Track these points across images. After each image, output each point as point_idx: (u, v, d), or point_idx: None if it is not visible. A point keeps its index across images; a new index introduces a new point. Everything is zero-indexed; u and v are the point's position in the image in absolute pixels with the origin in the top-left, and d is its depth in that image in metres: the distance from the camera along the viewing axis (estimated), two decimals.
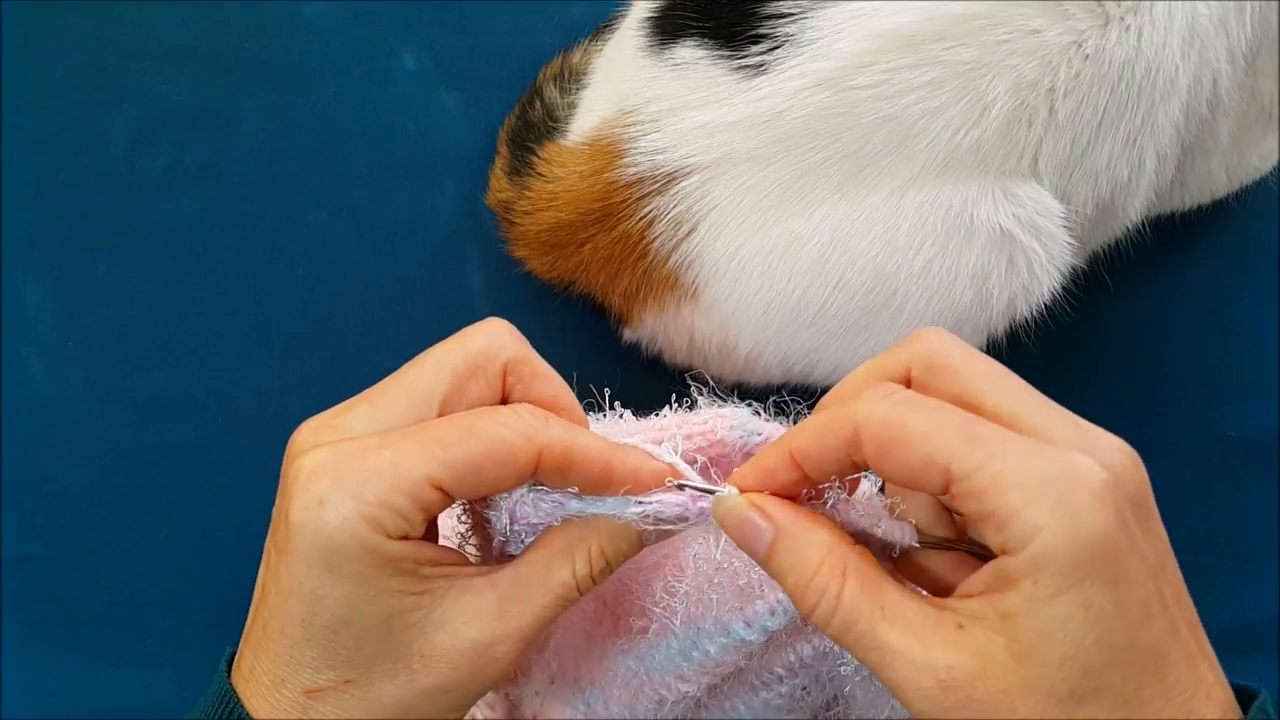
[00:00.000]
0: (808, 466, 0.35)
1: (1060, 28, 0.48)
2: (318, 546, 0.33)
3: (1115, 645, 0.30)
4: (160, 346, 0.66)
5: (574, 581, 0.36)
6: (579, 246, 0.55)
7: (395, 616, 0.34)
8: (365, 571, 0.33)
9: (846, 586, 0.33)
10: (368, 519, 0.33)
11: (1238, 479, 0.66)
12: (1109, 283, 0.61)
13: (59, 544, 0.64)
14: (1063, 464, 0.30)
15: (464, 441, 0.34)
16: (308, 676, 0.35)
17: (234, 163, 0.67)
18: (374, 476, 0.33)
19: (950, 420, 0.32)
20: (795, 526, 0.34)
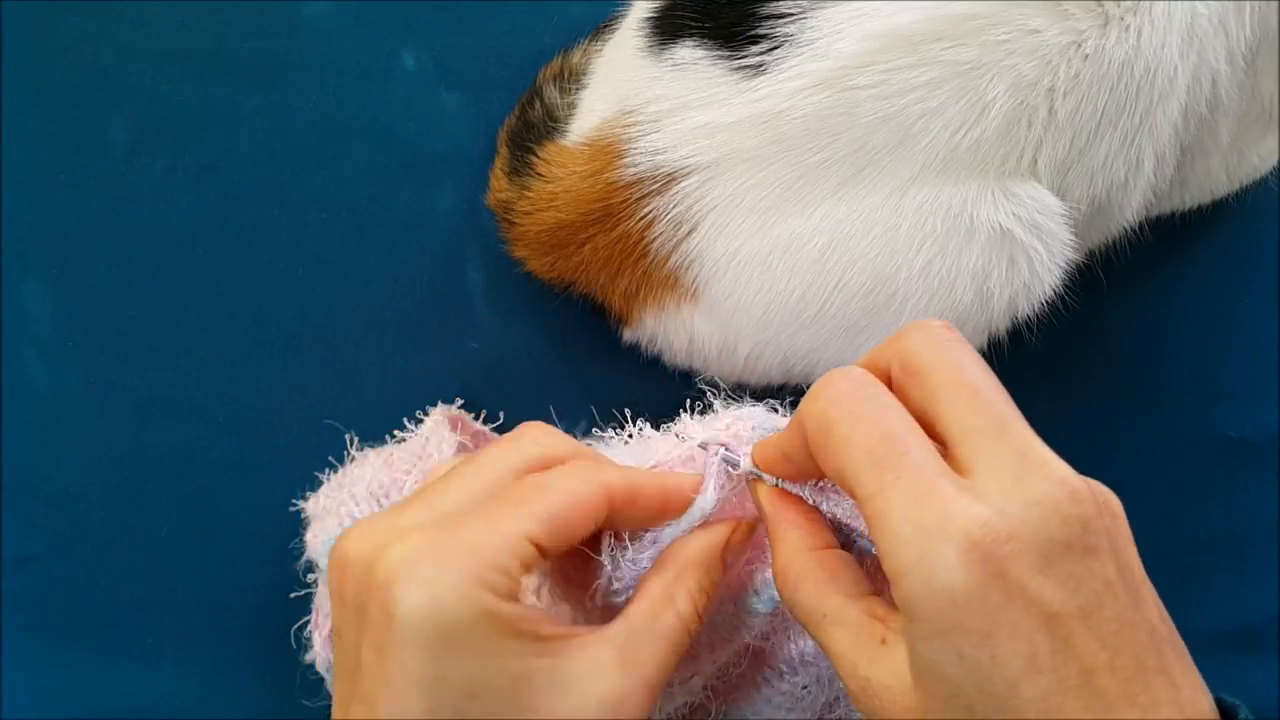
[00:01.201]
0: (794, 464, 0.36)
1: (1060, 28, 0.48)
2: (436, 626, 0.32)
3: (995, 696, 0.30)
4: (160, 346, 0.65)
5: (681, 623, 0.36)
6: (579, 247, 0.55)
7: (522, 682, 0.33)
8: (489, 639, 0.33)
9: (798, 593, 0.35)
10: (483, 583, 0.33)
11: (1238, 479, 0.66)
12: (1108, 282, 0.61)
13: (59, 544, 0.64)
14: (940, 514, 0.30)
15: (545, 498, 0.35)
16: None
17: (234, 163, 0.67)
18: (476, 545, 0.33)
19: (865, 435, 0.32)
20: (772, 522, 0.37)
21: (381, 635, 0.33)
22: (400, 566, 0.33)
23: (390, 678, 0.33)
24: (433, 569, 0.33)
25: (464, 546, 0.33)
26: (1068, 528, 0.30)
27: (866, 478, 0.31)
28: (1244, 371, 0.66)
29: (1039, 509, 0.30)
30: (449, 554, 0.33)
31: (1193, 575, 0.65)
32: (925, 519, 0.30)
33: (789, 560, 0.36)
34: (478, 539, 0.33)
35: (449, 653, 0.32)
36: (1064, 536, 0.30)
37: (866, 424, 0.32)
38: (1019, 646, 0.30)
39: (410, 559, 0.33)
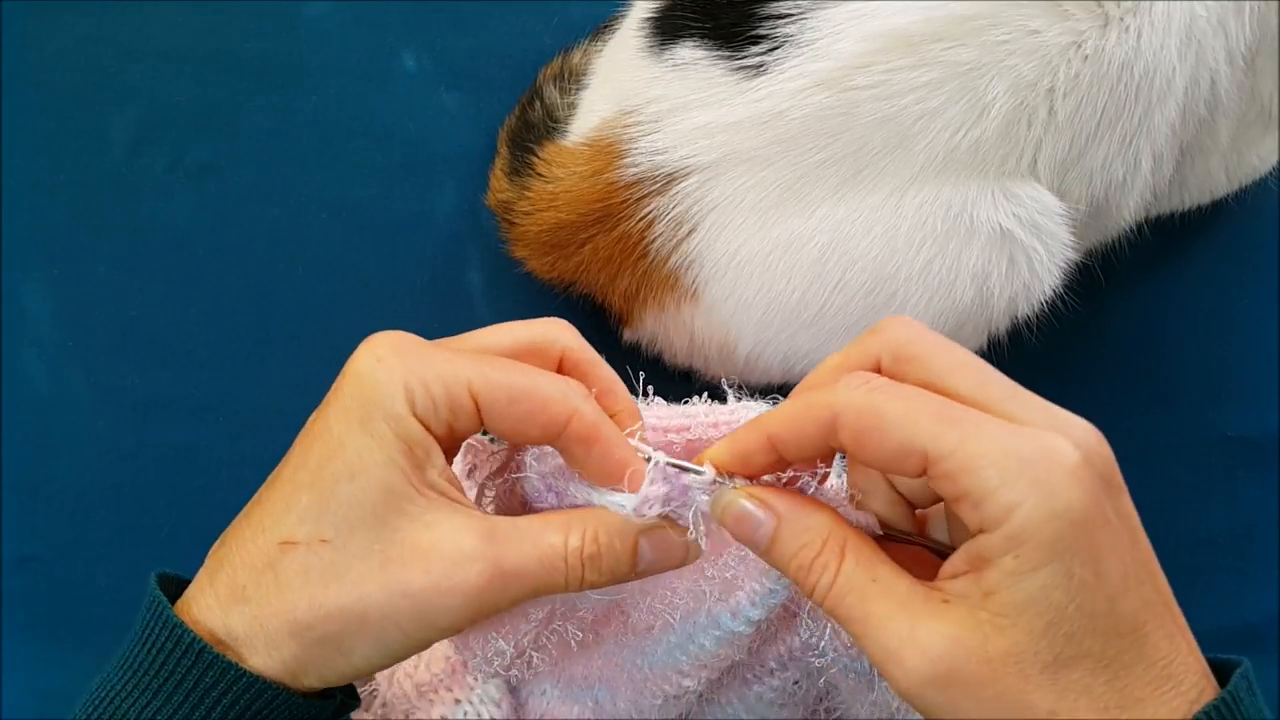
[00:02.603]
0: (784, 450, 0.35)
1: (1060, 28, 0.48)
2: (361, 396, 0.35)
3: (1095, 613, 0.31)
4: (160, 347, 0.66)
5: (563, 549, 0.36)
6: (579, 247, 0.55)
7: (393, 494, 0.35)
8: (388, 435, 0.35)
9: (845, 562, 0.34)
10: (406, 388, 0.35)
11: (1238, 479, 0.66)
12: (1108, 282, 0.61)
13: (59, 544, 0.64)
14: (1037, 443, 0.31)
15: (510, 372, 0.36)
16: (290, 525, 0.35)
17: (234, 163, 0.67)
18: (427, 361, 0.36)
19: (925, 405, 0.33)
20: (797, 513, 0.35)
21: (333, 389, 0.37)
22: (373, 342, 0.37)
23: (313, 427, 0.36)
24: (389, 352, 0.36)
25: (420, 356, 0.36)
26: (1109, 466, 0.34)
27: (947, 435, 0.32)
28: (1244, 371, 0.66)
29: (1091, 446, 0.33)
30: (404, 354, 0.36)
31: (1193, 575, 0.65)
32: (1025, 452, 0.31)
33: (829, 535, 0.35)
34: (434, 358, 0.36)
35: (358, 424, 0.35)
36: (1107, 474, 0.33)
37: (922, 397, 0.33)
38: (1116, 565, 0.32)
39: (382, 340, 0.37)
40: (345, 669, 0.36)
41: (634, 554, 0.37)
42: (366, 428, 0.35)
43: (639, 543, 0.37)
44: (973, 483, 0.31)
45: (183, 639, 0.35)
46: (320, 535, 0.35)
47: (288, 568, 0.35)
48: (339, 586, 0.35)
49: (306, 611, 0.35)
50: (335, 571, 0.35)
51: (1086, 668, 0.32)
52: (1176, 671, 0.32)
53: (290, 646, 0.35)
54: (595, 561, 0.36)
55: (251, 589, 0.35)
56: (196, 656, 0.35)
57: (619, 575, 0.37)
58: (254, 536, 0.36)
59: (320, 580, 0.35)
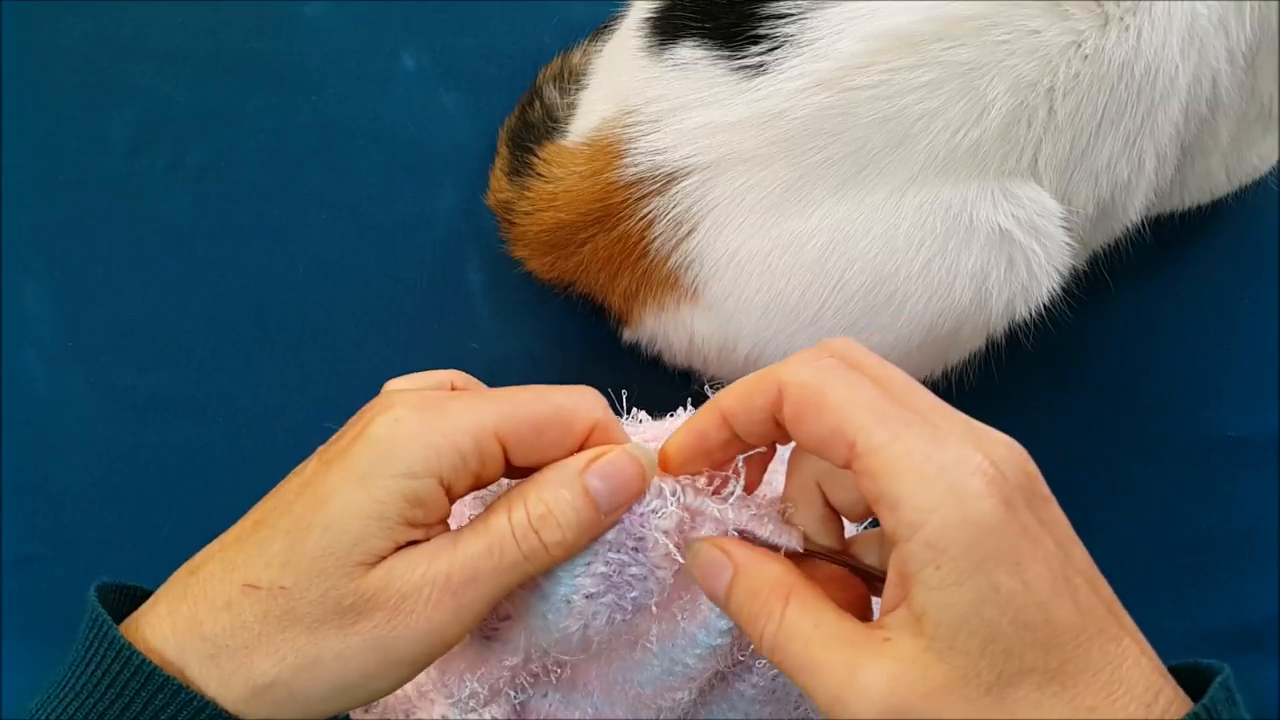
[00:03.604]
0: (737, 425, 0.36)
1: (1059, 28, 0.48)
2: (372, 456, 0.34)
3: (1030, 624, 0.31)
4: (160, 346, 0.66)
5: (509, 526, 0.35)
6: (579, 247, 0.55)
7: (363, 547, 0.34)
8: (389, 492, 0.34)
9: (789, 609, 0.34)
10: (432, 449, 0.34)
11: (1238, 479, 0.66)
12: (1108, 283, 0.61)
13: (59, 544, 0.64)
14: (954, 453, 0.31)
15: (533, 403, 0.36)
16: (258, 569, 0.35)
17: (234, 163, 0.67)
18: (451, 417, 0.35)
19: (864, 395, 0.33)
20: (750, 561, 0.35)
21: (338, 447, 0.36)
22: (391, 403, 0.36)
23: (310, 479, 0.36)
24: (407, 412, 0.35)
25: (441, 411, 0.35)
26: (1029, 477, 0.33)
27: (876, 429, 0.32)
28: (1244, 371, 0.66)
29: (1008, 459, 0.32)
30: (426, 411, 0.35)
31: (1193, 575, 0.65)
32: (945, 458, 0.31)
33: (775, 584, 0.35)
34: (456, 410, 0.35)
35: (358, 482, 0.34)
36: (1028, 486, 0.32)
37: (862, 386, 0.33)
38: (1043, 570, 0.31)
39: (400, 401, 0.36)
40: (300, 711, 0.35)
41: (586, 495, 0.36)
42: (364, 484, 0.34)
43: (587, 482, 0.36)
44: (891, 486, 0.31)
45: (130, 660, 0.35)
46: (281, 582, 0.35)
47: (246, 610, 0.35)
48: (293, 632, 0.34)
49: (261, 655, 0.35)
50: (291, 617, 0.34)
51: (1032, 683, 0.31)
52: (1127, 675, 0.31)
53: (242, 688, 0.35)
54: (547, 520, 0.36)
55: (209, 626, 0.35)
56: (146, 679, 0.34)
57: (585, 522, 0.36)
58: (224, 574, 0.36)
59: (276, 625, 0.34)
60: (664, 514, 0.37)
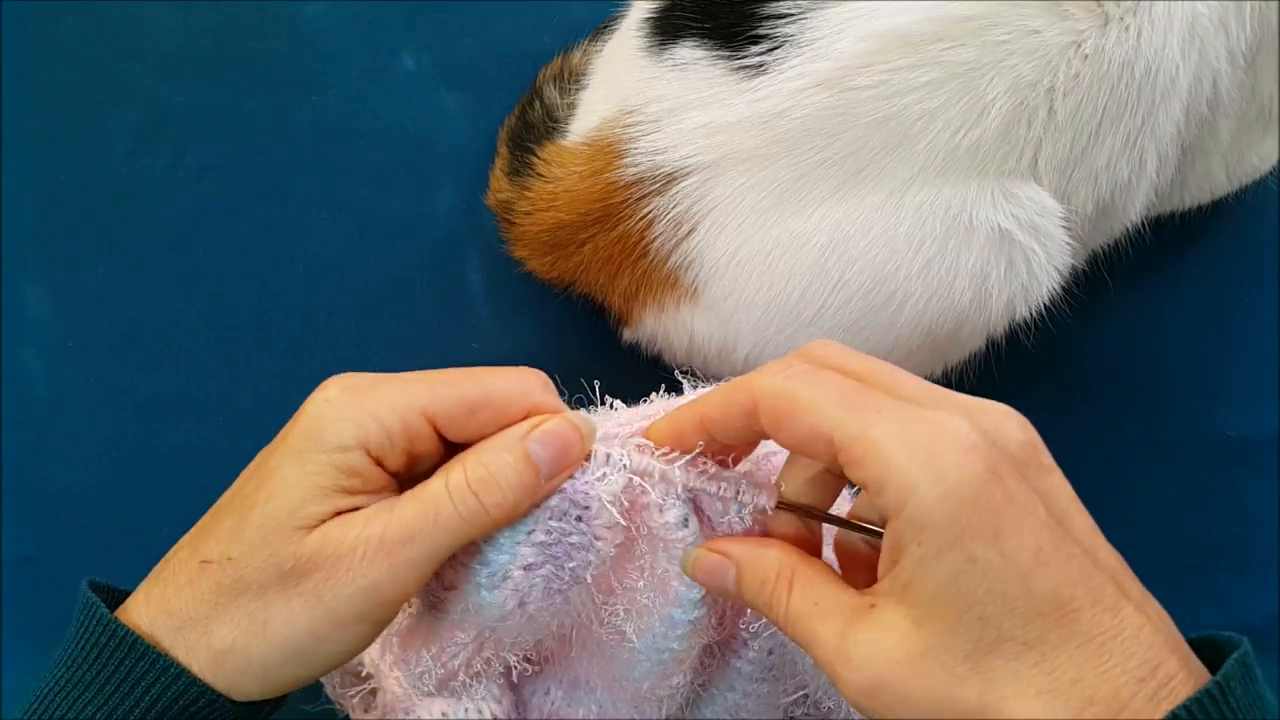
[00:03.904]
0: (715, 432, 0.37)
1: (1059, 28, 0.48)
2: (306, 434, 0.37)
3: (1008, 594, 0.31)
4: (160, 347, 0.66)
5: (446, 490, 0.37)
6: (579, 247, 0.55)
7: (302, 512, 0.36)
8: (322, 464, 0.37)
9: (793, 592, 0.35)
10: (358, 425, 0.36)
11: (1238, 479, 0.66)
12: (1109, 283, 0.61)
13: (59, 544, 0.64)
14: (930, 426, 0.32)
15: (465, 384, 0.38)
16: (210, 546, 0.38)
17: (234, 163, 0.67)
18: (378, 396, 0.37)
19: (833, 391, 0.33)
20: (749, 555, 0.37)
21: (283, 432, 0.38)
22: (325, 386, 0.38)
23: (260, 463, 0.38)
24: (338, 393, 0.38)
25: (371, 392, 0.37)
26: (1027, 448, 0.33)
27: (850, 422, 0.32)
28: (1244, 371, 0.66)
29: (1001, 427, 0.33)
30: (355, 393, 0.37)
31: (1193, 575, 0.65)
32: (919, 436, 0.31)
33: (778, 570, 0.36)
34: (386, 392, 0.37)
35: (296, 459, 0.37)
36: (1024, 455, 0.33)
37: (831, 384, 0.34)
38: (1025, 541, 0.31)
39: (333, 384, 0.38)
40: (261, 677, 0.37)
41: (527, 459, 0.37)
42: (301, 460, 0.37)
43: (528, 447, 0.37)
44: (874, 470, 0.32)
45: (116, 633, 0.37)
46: (228, 554, 0.37)
47: (203, 584, 0.37)
48: (244, 599, 0.37)
49: (219, 624, 0.37)
50: (240, 585, 0.37)
51: (1010, 652, 0.31)
52: (1121, 647, 0.31)
53: (205, 657, 0.37)
54: (486, 483, 0.37)
55: (174, 603, 0.38)
56: (129, 649, 0.37)
57: (525, 485, 0.37)
58: (188, 557, 0.38)
59: (229, 594, 0.37)
60: (609, 480, 0.39)
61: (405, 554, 0.36)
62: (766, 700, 0.48)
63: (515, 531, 0.39)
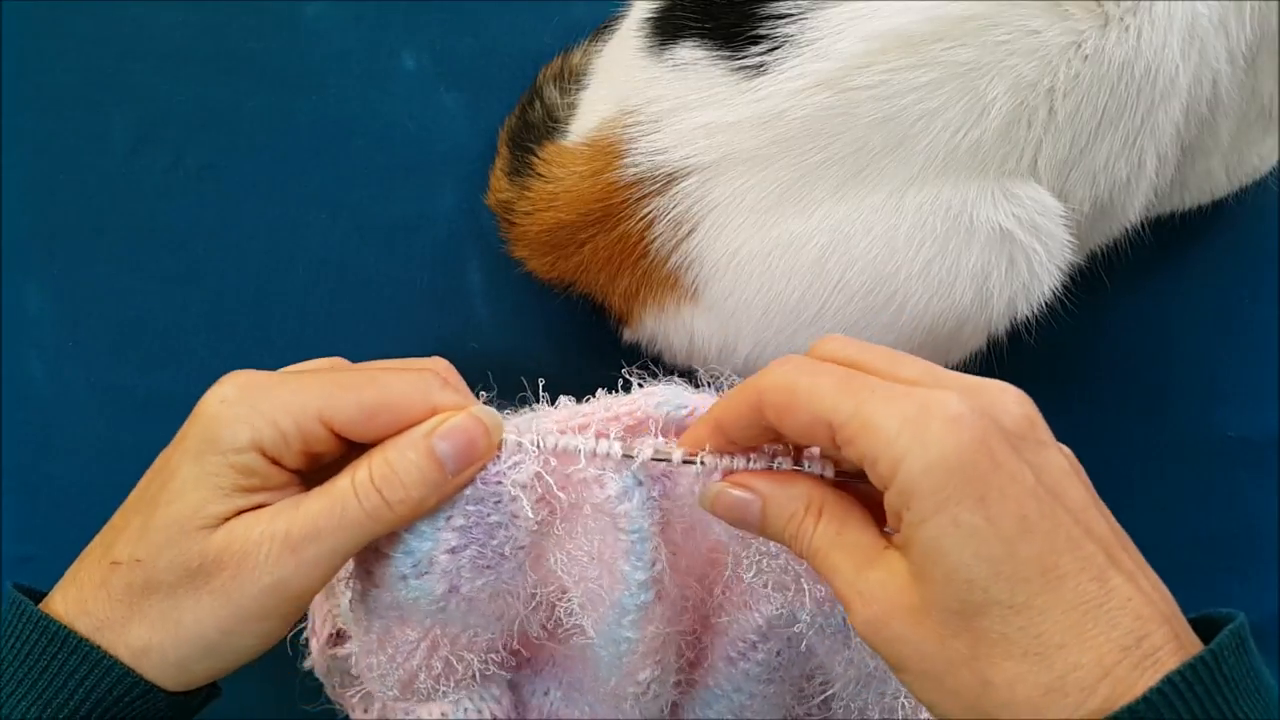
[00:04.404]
0: (729, 433, 0.38)
1: (1059, 28, 0.48)
2: (202, 435, 0.38)
3: (994, 558, 0.32)
4: (160, 347, 0.66)
5: (351, 486, 0.38)
6: (579, 247, 0.55)
7: (203, 513, 0.37)
8: (219, 465, 0.37)
9: (819, 525, 0.37)
10: (252, 428, 0.37)
11: (1238, 479, 0.66)
12: (1109, 283, 0.61)
13: (59, 544, 0.64)
14: (919, 400, 0.33)
15: (363, 389, 0.38)
16: (119, 548, 0.39)
17: (234, 163, 0.67)
18: (273, 398, 0.38)
19: (829, 378, 0.35)
20: (777, 489, 0.38)
21: (183, 428, 0.39)
22: (223, 384, 0.39)
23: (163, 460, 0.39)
24: (234, 392, 0.38)
25: (267, 393, 0.38)
26: (1023, 422, 0.34)
27: (844, 404, 0.34)
28: (1244, 371, 0.66)
29: (996, 401, 0.34)
30: (251, 392, 0.38)
31: (1193, 575, 0.65)
32: (908, 410, 0.33)
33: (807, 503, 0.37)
34: (282, 394, 0.38)
35: (193, 458, 0.38)
36: (1019, 429, 0.34)
37: (826, 372, 0.35)
38: (1010, 508, 0.32)
39: (230, 381, 0.39)
40: (179, 671, 0.38)
41: (431, 456, 0.38)
42: (199, 461, 0.38)
43: (433, 444, 0.38)
44: (867, 446, 0.33)
45: (48, 629, 0.38)
46: (136, 555, 0.38)
47: (115, 585, 0.38)
48: (155, 599, 0.37)
49: (134, 624, 0.38)
50: (150, 586, 0.38)
51: (996, 614, 0.32)
52: (1106, 615, 0.32)
53: (125, 656, 0.38)
54: (390, 480, 0.38)
55: (90, 604, 0.38)
56: (62, 643, 0.37)
57: (431, 481, 0.38)
58: (99, 557, 0.39)
59: (140, 594, 0.38)
60: (520, 468, 0.40)
61: (311, 550, 0.37)
62: (773, 701, 0.48)
63: (435, 519, 0.40)
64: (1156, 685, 0.30)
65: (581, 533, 0.42)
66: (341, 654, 0.54)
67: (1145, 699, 0.30)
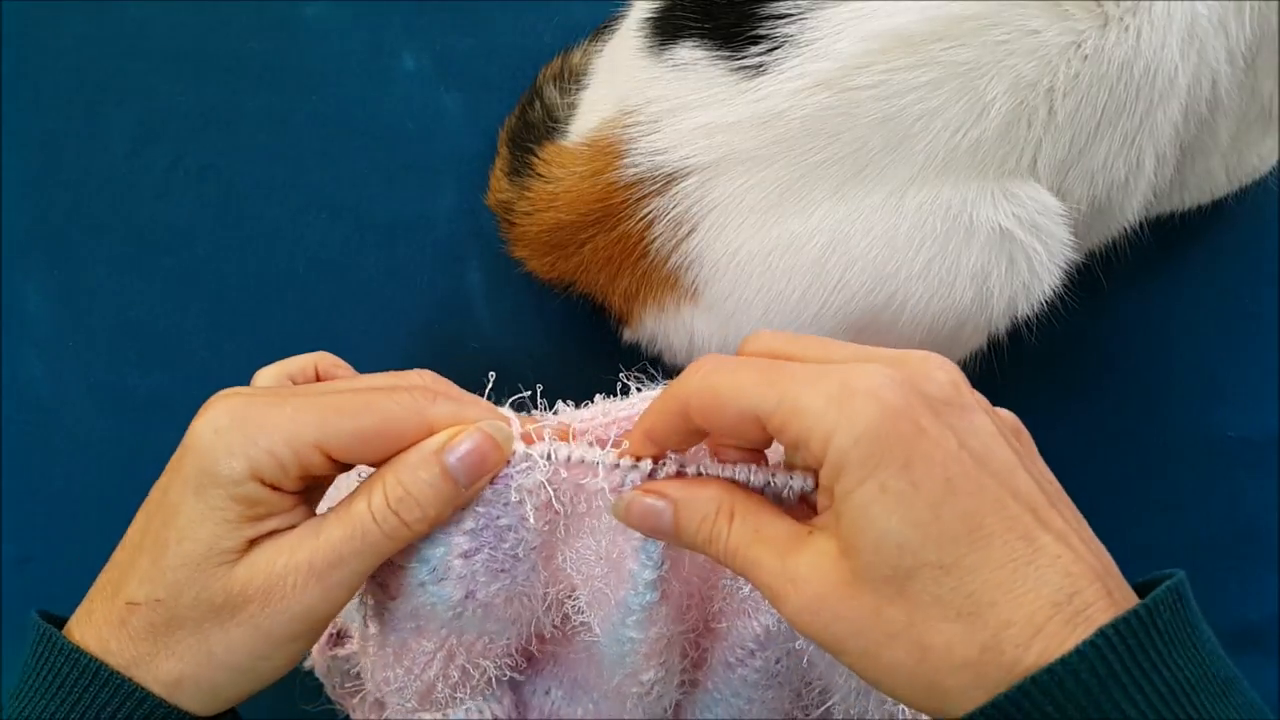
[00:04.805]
0: (660, 441, 0.38)
1: (1059, 28, 0.48)
2: (199, 468, 0.37)
3: (920, 521, 0.32)
4: (160, 347, 0.66)
5: (369, 511, 0.38)
6: (579, 247, 0.55)
7: (218, 549, 0.37)
8: (221, 499, 0.37)
9: (733, 525, 0.37)
10: (250, 459, 0.37)
11: (1238, 479, 0.66)
12: (1109, 283, 0.61)
13: (59, 544, 0.64)
14: (839, 377, 0.33)
15: (359, 415, 0.38)
16: (133, 588, 0.38)
17: (234, 163, 0.67)
18: (269, 428, 0.37)
19: (750, 373, 0.35)
20: (688, 494, 0.38)
21: (177, 456, 0.39)
22: (213, 410, 0.38)
23: (160, 492, 0.39)
24: (228, 422, 0.38)
25: (262, 422, 0.38)
26: (947, 388, 0.34)
27: (769, 395, 0.34)
28: (1244, 371, 0.66)
29: (919, 371, 0.34)
30: (246, 423, 0.38)
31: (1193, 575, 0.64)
32: (830, 388, 0.33)
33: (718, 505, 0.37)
34: (278, 422, 0.37)
35: (193, 493, 0.38)
36: (944, 395, 0.34)
37: (745, 367, 0.35)
38: (934, 471, 0.32)
39: (222, 405, 0.38)
40: (212, 697, 0.39)
41: (444, 473, 0.38)
42: (201, 495, 0.37)
43: (443, 460, 0.38)
44: (798, 430, 0.33)
45: (79, 661, 0.38)
46: (155, 595, 0.38)
47: (135, 625, 0.38)
48: (181, 634, 0.38)
49: (163, 659, 0.38)
50: (175, 623, 0.38)
51: (928, 576, 0.32)
52: (1035, 573, 0.32)
53: (159, 690, 0.38)
54: (406, 501, 0.38)
55: (112, 644, 0.38)
56: (94, 676, 0.37)
57: (445, 498, 0.38)
58: (110, 597, 0.39)
59: (165, 631, 0.38)
60: (529, 474, 0.40)
61: (335, 577, 0.38)
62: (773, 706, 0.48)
63: (447, 525, 0.40)
64: (1089, 638, 0.31)
65: (589, 531, 0.42)
66: (341, 654, 0.54)
67: (1077, 651, 0.30)
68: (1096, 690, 0.30)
